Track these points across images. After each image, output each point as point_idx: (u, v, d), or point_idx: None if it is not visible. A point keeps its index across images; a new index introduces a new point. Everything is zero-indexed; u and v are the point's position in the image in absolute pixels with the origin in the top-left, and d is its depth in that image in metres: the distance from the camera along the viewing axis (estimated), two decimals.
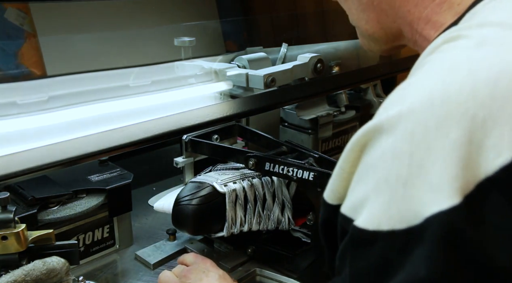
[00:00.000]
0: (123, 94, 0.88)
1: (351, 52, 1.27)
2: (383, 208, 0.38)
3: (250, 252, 0.91)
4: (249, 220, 0.86)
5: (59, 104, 0.80)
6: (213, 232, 0.87)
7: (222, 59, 1.05)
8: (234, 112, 0.96)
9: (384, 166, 0.39)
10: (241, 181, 0.87)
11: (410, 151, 0.37)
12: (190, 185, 0.87)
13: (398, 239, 0.37)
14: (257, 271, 0.89)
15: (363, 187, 0.41)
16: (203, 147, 0.95)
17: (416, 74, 0.43)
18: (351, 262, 0.41)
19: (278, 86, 0.98)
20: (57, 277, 0.63)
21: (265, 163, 0.85)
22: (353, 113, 1.39)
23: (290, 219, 0.89)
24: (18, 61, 0.85)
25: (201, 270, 0.76)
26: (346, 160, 0.43)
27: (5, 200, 0.62)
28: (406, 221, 0.37)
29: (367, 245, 0.39)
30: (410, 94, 0.40)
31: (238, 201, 0.85)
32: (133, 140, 0.79)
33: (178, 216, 0.85)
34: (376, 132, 0.40)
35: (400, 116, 0.39)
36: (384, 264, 0.38)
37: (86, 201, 0.88)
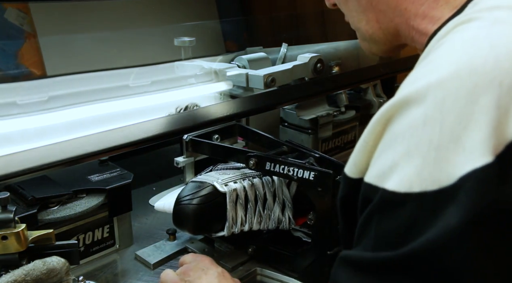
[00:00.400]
0: (123, 94, 0.88)
1: (351, 52, 1.27)
2: (414, 171, 0.40)
3: (250, 252, 0.91)
4: (249, 220, 0.86)
5: (59, 104, 0.80)
6: (213, 231, 0.87)
7: (222, 59, 1.05)
8: (234, 112, 0.96)
9: (415, 133, 0.41)
10: (241, 180, 0.87)
11: (441, 118, 0.40)
12: (191, 185, 0.86)
13: (430, 200, 0.39)
14: (258, 271, 0.89)
15: (390, 155, 0.43)
16: (203, 147, 0.95)
17: (434, 53, 0.46)
18: (377, 225, 0.43)
19: (278, 86, 0.98)
20: (57, 277, 0.63)
21: (266, 163, 0.85)
22: (353, 113, 1.39)
23: (290, 218, 0.89)
24: (18, 61, 0.85)
25: (200, 268, 0.76)
26: (371, 133, 0.46)
27: (5, 200, 0.62)
28: (438, 182, 0.39)
29: (397, 206, 0.41)
30: (436, 69, 0.43)
31: (239, 201, 0.85)
32: (133, 140, 0.79)
33: (178, 215, 0.85)
34: (404, 104, 0.43)
35: (429, 88, 0.42)
36: (414, 223, 0.40)
37: (86, 201, 0.88)
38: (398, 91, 0.45)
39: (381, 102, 1.46)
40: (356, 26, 0.64)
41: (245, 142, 1.06)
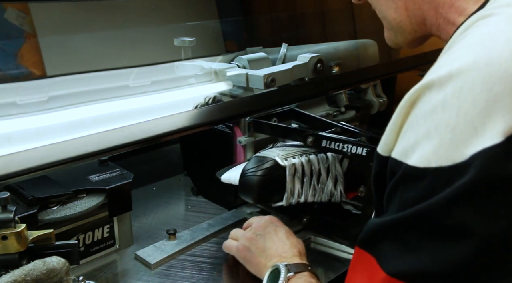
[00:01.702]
0: (123, 94, 0.88)
1: (351, 52, 1.27)
2: (432, 150, 0.46)
3: (305, 222, 1.01)
4: (305, 192, 0.95)
5: (59, 104, 0.80)
6: (273, 201, 0.95)
7: (222, 59, 1.05)
8: (234, 112, 0.96)
9: (435, 117, 0.47)
10: (299, 156, 0.95)
11: (458, 104, 0.46)
12: (255, 159, 0.95)
13: (444, 174, 0.45)
14: (312, 239, 1.00)
15: (413, 134, 0.49)
16: (265, 127, 1.06)
17: (459, 44, 0.52)
18: (401, 194, 0.50)
19: (278, 86, 0.98)
20: (57, 277, 0.63)
21: (322, 140, 0.94)
22: (353, 113, 1.39)
23: (342, 192, 0.98)
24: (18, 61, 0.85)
25: (270, 225, 0.87)
26: (399, 115, 0.52)
27: (5, 200, 0.62)
28: (452, 159, 0.45)
29: (418, 179, 0.47)
30: (457, 59, 0.49)
31: (297, 175, 0.94)
32: (133, 140, 0.79)
33: (244, 186, 0.93)
34: (427, 89, 0.49)
35: (450, 76, 0.47)
36: (430, 193, 0.46)
37: (86, 201, 0.88)
38: (425, 77, 0.50)
39: (381, 102, 1.46)
40: (384, 14, 0.68)
41: (298, 125, 1.13)
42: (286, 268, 0.76)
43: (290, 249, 0.82)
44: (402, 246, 0.49)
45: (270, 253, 0.82)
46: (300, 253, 0.82)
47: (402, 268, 0.48)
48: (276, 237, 0.85)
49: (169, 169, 1.30)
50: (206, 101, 0.93)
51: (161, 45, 1.04)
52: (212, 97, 0.94)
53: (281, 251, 0.81)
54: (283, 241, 0.84)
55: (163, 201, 1.16)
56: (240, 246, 0.87)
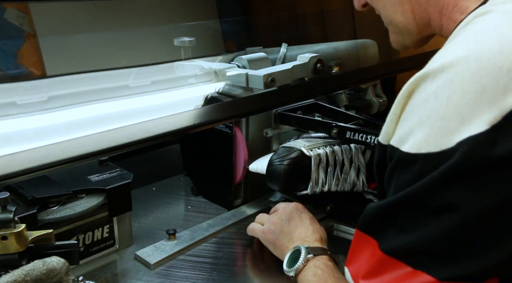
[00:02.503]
0: (123, 94, 0.88)
1: (351, 52, 1.27)
2: (423, 137, 0.50)
3: (328, 210, 1.04)
4: (329, 182, 0.98)
5: (59, 104, 0.80)
6: (298, 190, 0.98)
7: (222, 59, 1.05)
8: (234, 112, 0.96)
9: (427, 106, 0.51)
10: (324, 147, 0.99)
11: (449, 95, 0.49)
12: (282, 149, 0.98)
13: (433, 159, 0.49)
14: (335, 226, 1.03)
15: (408, 123, 0.53)
16: (291, 120, 1.09)
17: (455, 39, 0.56)
18: (397, 177, 0.54)
19: (278, 86, 0.98)
20: (57, 277, 0.63)
21: (346, 132, 0.98)
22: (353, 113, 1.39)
23: (364, 182, 1.01)
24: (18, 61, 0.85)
25: (295, 211, 0.91)
26: (398, 105, 0.55)
27: (5, 200, 0.62)
28: (440, 145, 0.49)
29: (410, 164, 0.51)
30: (451, 53, 0.52)
31: (321, 164, 0.97)
32: (133, 140, 0.79)
33: (271, 174, 0.97)
34: (422, 80, 0.52)
35: (443, 68, 0.51)
36: (420, 176, 0.50)
37: (86, 201, 0.88)
38: (422, 69, 0.53)
39: (381, 102, 1.46)
40: (390, 19, 0.71)
41: (320, 117, 1.16)
42: (307, 250, 0.79)
43: (312, 234, 0.85)
44: (397, 226, 0.53)
45: (293, 236, 0.85)
46: (322, 239, 0.85)
47: (397, 246, 0.52)
48: (300, 222, 0.88)
49: (169, 169, 1.30)
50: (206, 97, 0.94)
51: (161, 45, 1.04)
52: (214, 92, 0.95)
53: (304, 235, 0.85)
54: (306, 227, 0.87)
55: (163, 201, 1.16)
56: (266, 229, 0.90)
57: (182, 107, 0.89)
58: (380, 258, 0.54)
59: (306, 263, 0.78)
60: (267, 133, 1.11)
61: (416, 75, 0.53)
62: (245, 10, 1.28)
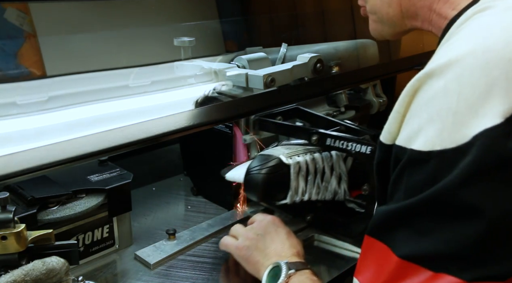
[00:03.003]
0: (123, 94, 0.88)
1: (351, 52, 1.27)
2: (436, 133, 0.49)
3: (309, 219, 1.01)
4: (309, 190, 0.95)
5: (59, 104, 0.80)
6: (277, 199, 0.95)
7: (221, 59, 1.05)
8: (234, 112, 0.96)
9: (437, 102, 0.49)
10: (304, 155, 0.96)
11: (459, 89, 0.48)
12: (260, 157, 0.95)
13: (448, 155, 0.48)
14: (315, 237, 1.00)
15: (417, 121, 0.51)
16: (269, 126, 1.06)
17: (457, 35, 0.55)
18: (407, 178, 0.51)
19: (278, 86, 0.98)
20: (56, 277, 0.63)
21: (327, 139, 0.95)
22: (352, 113, 1.39)
23: (345, 190, 0.98)
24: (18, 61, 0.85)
25: (272, 225, 0.88)
26: (402, 104, 0.54)
27: (4, 200, 0.62)
28: (456, 141, 0.47)
29: (423, 163, 0.49)
30: (456, 48, 0.51)
31: (301, 173, 0.94)
32: (133, 140, 0.79)
33: (249, 184, 0.94)
34: (428, 77, 0.51)
35: (450, 63, 0.50)
36: (436, 175, 0.48)
37: (86, 201, 0.88)
38: (425, 67, 0.52)
39: (381, 102, 1.46)
40: (376, 8, 0.70)
41: (302, 123, 1.14)
42: (287, 266, 0.77)
43: (289, 249, 0.82)
44: (413, 231, 0.50)
45: (269, 252, 0.83)
46: (299, 253, 0.82)
47: (415, 250, 0.50)
48: (276, 237, 0.85)
49: (169, 169, 1.30)
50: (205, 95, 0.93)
51: (161, 45, 1.04)
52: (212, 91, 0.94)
53: (280, 251, 0.82)
54: (282, 241, 0.84)
55: (163, 201, 1.16)
56: (240, 245, 0.86)
57: (182, 107, 0.89)
58: (398, 265, 0.51)
59: (289, 279, 0.75)
60: (245, 140, 1.07)
61: (420, 73, 0.52)
62: (245, 10, 1.28)
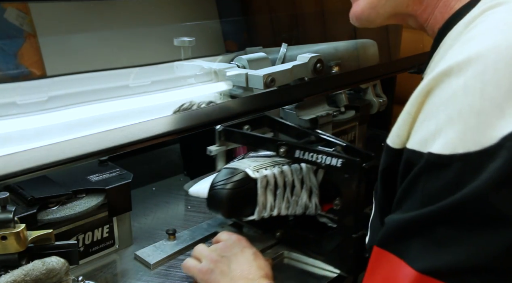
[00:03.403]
0: (123, 94, 0.88)
1: (351, 52, 1.27)
2: (458, 135, 0.44)
3: (278, 236, 0.96)
4: (278, 205, 0.90)
5: (59, 104, 0.80)
6: (244, 215, 0.91)
7: (221, 59, 1.05)
8: (234, 112, 0.96)
9: (456, 101, 0.45)
10: (272, 168, 0.91)
11: (482, 87, 0.44)
12: (225, 171, 0.90)
13: (473, 159, 0.43)
14: (285, 254, 0.94)
15: (433, 122, 0.47)
16: (236, 136, 1.00)
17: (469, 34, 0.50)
18: (424, 185, 0.47)
19: (278, 86, 0.98)
20: (56, 277, 0.63)
21: (295, 151, 0.89)
22: (352, 113, 1.39)
23: (317, 204, 0.93)
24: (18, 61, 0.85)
25: (237, 245, 0.82)
26: (414, 105, 0.50)
27: (4, 200, 0.62)
28: (480, 143, 0.43)
29: (443, 167, 0.45)
30: (474, 45, 0.47)
31: (269, 187, 0.89)
32: (133, 140, 0.79)
33: (213, 200, 0.89)
34: (445, 76, 0.47)
35: (469, 60, 0.46)
36: (459, 180, 0.44)
37: (86, 201, 0.88)
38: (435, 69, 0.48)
39: (381, 102, 1.46)
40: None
41: (273, 133, 1.10)
42: None
43: (256, 271, 0.77)
44: (432, 242, 0.46)
45: (234, 275, 0.78)
46: (268, 275, 0.78)
47: (436, 264, 0.45)
48: (242, 258, 0.80)
49: (169, 169, 1.30)
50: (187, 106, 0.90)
51: (161, 45, 1.04)
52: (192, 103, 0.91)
53: (246, 273, 0.77)
54: (249, 263, 0.79)
55: (163, 201, 1.16)
56: (203, 268, 0.81)
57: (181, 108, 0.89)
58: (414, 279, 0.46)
59: None
60: (210, 152, 1.01)
61: (433, 73, 0.48)
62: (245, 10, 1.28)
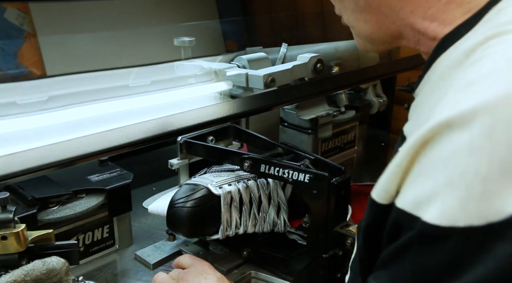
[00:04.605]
0: (123, 94, 0.88)
1: (351, 52, 1.27)
2: (459, 204, 0.37)
3: (245, 255, 0.90)
4: (244, 223, 0.86)
5: (59, 104, 0.80)
6: (208, 234, 0.86)
7: (222, 59, 1.05)
8: (234, 112, 0.96)
9: (459, 162, 0.38)
10: (236, 183, 0.86)
11: (491, 147, 0.37)
12: (185, 187, 0.85)
13: (476, 236, 0.36)
14: (253, 274, 0.89)
15: (429, 183, 0.39)
16: (198, 149, 0.94)
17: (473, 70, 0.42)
18: (416, 258, 0.40)
19: (278, 86, 0.98)
20: (56, 277, 0.63)
21: (261, 165, 0.84)
22: (352, 113, 1.39)
23: (285, 221, 0.88)
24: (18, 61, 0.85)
25: (199, 272, 0.76)
26: (405, 157, 0.42)
27: (5, 200, 0.62)
28: (486, 217, 0.36)
29: (440, 241, 0.38)
30: (481, 91, 0.39)
31: (233, 203, 0.84)
32: (133, 140, 0.79)
33: (172, 218, 0.84)
34: (446, 128, 0.39)
35: (476, 112, 0.38)
36: (458, 260, 0.37)
37: (86, 201, 0.88)
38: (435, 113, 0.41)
39: (381, 102, 1.47)
40: (352, 24, 0.59)
41: (240, 143, 1.05)
42: None
43: None
44: None
45: None
46: None
47: None
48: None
49: (169, 169, 1.29)
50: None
51: (161, 45, 1.04)
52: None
53: None
54: None
55: None
56: None
57: (182, 107, 0.89)
58: None
59: None
60: (172, 165, 0.95)
61: (435, 121, 0.40)
62: (245, 10, 1.28)
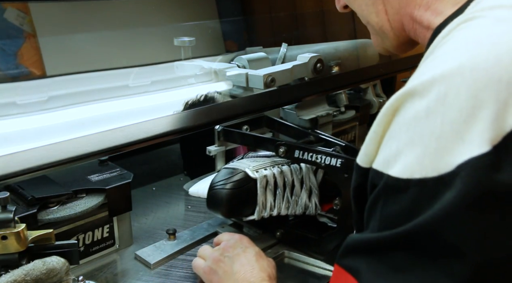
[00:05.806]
0: (123, 94, 0.88)
1: (351, 52, 1.27)
2: (416, 159, 0.43)
3: (278, 236, 0.95)
4: (278, 205, 0.90)
5: (59, 104, 0.80)
6: (244, 215, 0.90)
7: (222, 59, 1.05)
8: (234, 112, 0.96)
9: (418, 124, 0.44)
10: (271, 168, 0.91)
11: (443, 111, 0.43)
12: (224, 171, 0.90)
13: (429, 185, 0.42)
14: (286, 253, 0.94)
15: (395, 143, 0.46)
16: (235, 136, 1.00)
17: (441, 49, 0.49)
18: (382, 208, 0.46)
19: (278, 86, 0.98)
20: (57, 277, 0.63)
21: (295, 151, 0.89)
22: (352, 113, 1.39)
23: (317, 204, 0.93)
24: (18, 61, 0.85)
25: (239, 245, 0.82)
26: (380, 124, 0.48)
27: (5, 200, 0.62)
28: (438, 169, 0.42)
29: (400, 191, 0.44)
30: (440, 64, 0.46)
31: (269, 187, 0.89)
32: (133, 140, 0.79)
33: (212, 199, 0.89)
34: (409, 96, 0.46)
35: (433, 82, 0.44)
36: (414, 206, 0.43)
37: (86, 201, 0.88)
38: (407, 84, 0.47)
39: (381, 102, 1.46)
40: (367, 19, 0.66)
41: (272, 133, 1.10)
42: None
43: (258, 273, 0.76)
44: (386, 266, 0.45)
45: (237, 277, 0.77)
46: (270, 277, 0.77)
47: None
48: (245, 259, 0.79)
49: (169, 169, 1.30)
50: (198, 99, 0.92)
51: (161, 45, 1.04)
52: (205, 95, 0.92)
53: (249, 275, 0.76)
54: (251, 264, 0.78)
55: (163, 201, 1.16)
56: (206, 268, 0.81)
57: (182, 107, 0.89)
58: None
59: None
60: (210, 152, 1.01)
61: (401, 90, 0.47)
62: (245, 10, 1.28)
